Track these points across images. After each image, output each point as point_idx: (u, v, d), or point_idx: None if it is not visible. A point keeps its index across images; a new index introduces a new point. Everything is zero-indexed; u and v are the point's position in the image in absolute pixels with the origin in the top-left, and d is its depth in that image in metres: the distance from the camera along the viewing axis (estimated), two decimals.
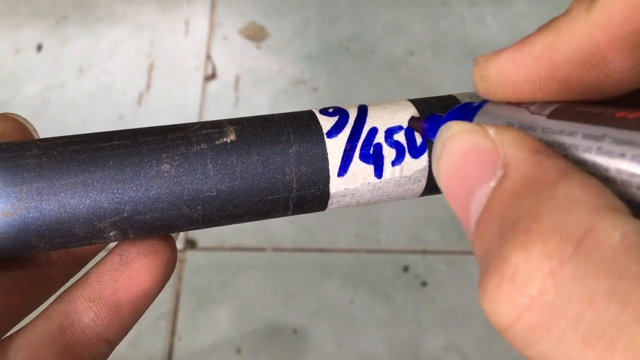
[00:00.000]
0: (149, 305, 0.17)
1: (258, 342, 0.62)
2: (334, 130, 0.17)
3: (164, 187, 0.15)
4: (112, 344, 0.17)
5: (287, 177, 0.16)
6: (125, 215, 0.15)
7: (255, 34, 0.78)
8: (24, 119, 0.17)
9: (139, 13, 0.80)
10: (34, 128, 0.17)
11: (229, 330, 0.63)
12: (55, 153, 0.15)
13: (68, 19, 0.80)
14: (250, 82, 0.75)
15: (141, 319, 0.17)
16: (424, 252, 0.65)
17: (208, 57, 0.77)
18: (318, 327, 0.63)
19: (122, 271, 0.16)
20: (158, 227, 0.16)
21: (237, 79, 0.75)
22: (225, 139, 0.16)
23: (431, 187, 0.17)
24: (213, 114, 0.73)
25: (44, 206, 0.15)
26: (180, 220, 0.16)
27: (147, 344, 0.62)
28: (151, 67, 0.76)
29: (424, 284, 0.64)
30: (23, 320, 0.17)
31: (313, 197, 0.17)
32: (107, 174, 0.15)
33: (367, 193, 0.17)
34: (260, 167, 0.16)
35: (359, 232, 0.66)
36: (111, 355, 0.17)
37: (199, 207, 0.16)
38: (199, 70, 0.76)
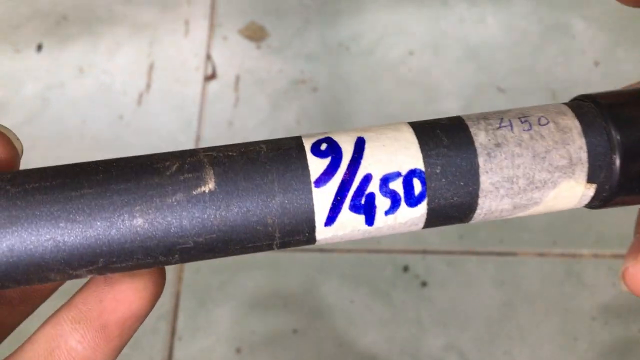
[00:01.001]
0: (139, 325, 0.17)
1: (258, 342, 0.62)
2: (323, 178, 0.15)
3: (137, 241, 0.15)
4: None
5: (270, 229, 0.15)
6: (100, 265, 0.15)
7: (255, 34, 0.78)
8: (4, 127, 0.17)
9: (139, 13, 0.80)
10: (15, 137, 0.17)
11: (229, 330, 0.63)
12: (23, 205, 0.14)
13: (68, 19, 0.80)
14: (250, 82, 0.75)
15: None
16: (424, 252, 0.65)
17: (208, 57, 0.77)
18: (318, 327, 0.63)
19: (108, 292, 0.16)
20: (135, 269, 0.15)
21: (237, 79, 0.75)
22: (203, 188, 0.15)
23: (430, 225, 0.16)
24: (213, 114, 0.73)
25: (16, 261, 0.14)
26: (157, 264, 0.16)
27: (147, 344, 0.62)
28: (151, 67, 0.76)
29: (424, 284, 0.64)
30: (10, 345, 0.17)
31: (298, 242, 0.16)
32: (77, 230, 0.14)
33: (357, 236, 0.16)
34: (240, 219, 0.15)
35: None
36: None
37: (176, 255, 0.15)
38: (199, 70, 0.76)
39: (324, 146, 0.15)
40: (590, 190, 0.16)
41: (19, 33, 0.79)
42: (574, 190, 0.16)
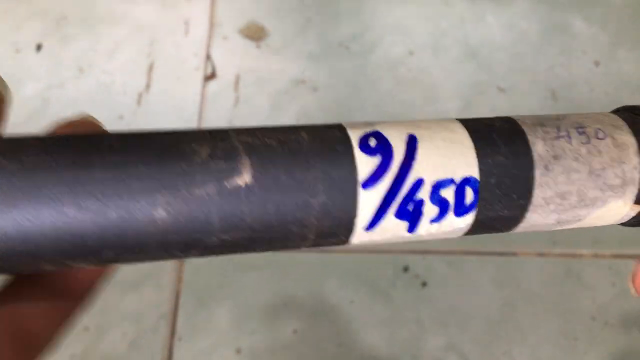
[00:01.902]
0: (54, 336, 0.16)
1: (258, 342, 0.62)
2: (372, 180, 0.13)
3: (155, 235, 0.13)
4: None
5: (305, 230, 0.13)
6: (102, 257, 0.13)
7: (255, 34, 0.78)
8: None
9: (139, 13, 0.80)
10: (2, 81, 0.15)
11: (229, 330, 0.63)
12: (21, 185, 0.12)
13: (68, 19, 0.80)
14: (250, 82, 0.75)
15: (141, 319, 0.17)
16: (424, 252, 0.65)
17: (208, 57, 0.77)
18: (318, 327, 0.63)
19: (21, 308, 0.15)
20: (142, 262, 0.14)
21: (237, 79, 0.75)
22: (238, 181, 0.13)
23: (469, 234, 0.15)
24: (213, 114, 0.73)
25: (7, 246, 0.12)
26: (170, 259, 0.14)
27: (147, 344, 0.62)
28: (151, 67, 0.76)
29: (424, 284, 0.64)
30: None
31: (330, 243, 0.14)
32: (86, 218, 0.12)
33: (392, 241, 0.15)
34: (275, 218, 0.13)
35: None
36: (111, 355, 0.17)
37: (194, 251, 0.13)
38: (199, 70, 0.76)
39: (372, 142, 0.14)
40: (634, 212, 0.15)
41: (19, 33, 0.79)
42: (619, 210, 0.15)
